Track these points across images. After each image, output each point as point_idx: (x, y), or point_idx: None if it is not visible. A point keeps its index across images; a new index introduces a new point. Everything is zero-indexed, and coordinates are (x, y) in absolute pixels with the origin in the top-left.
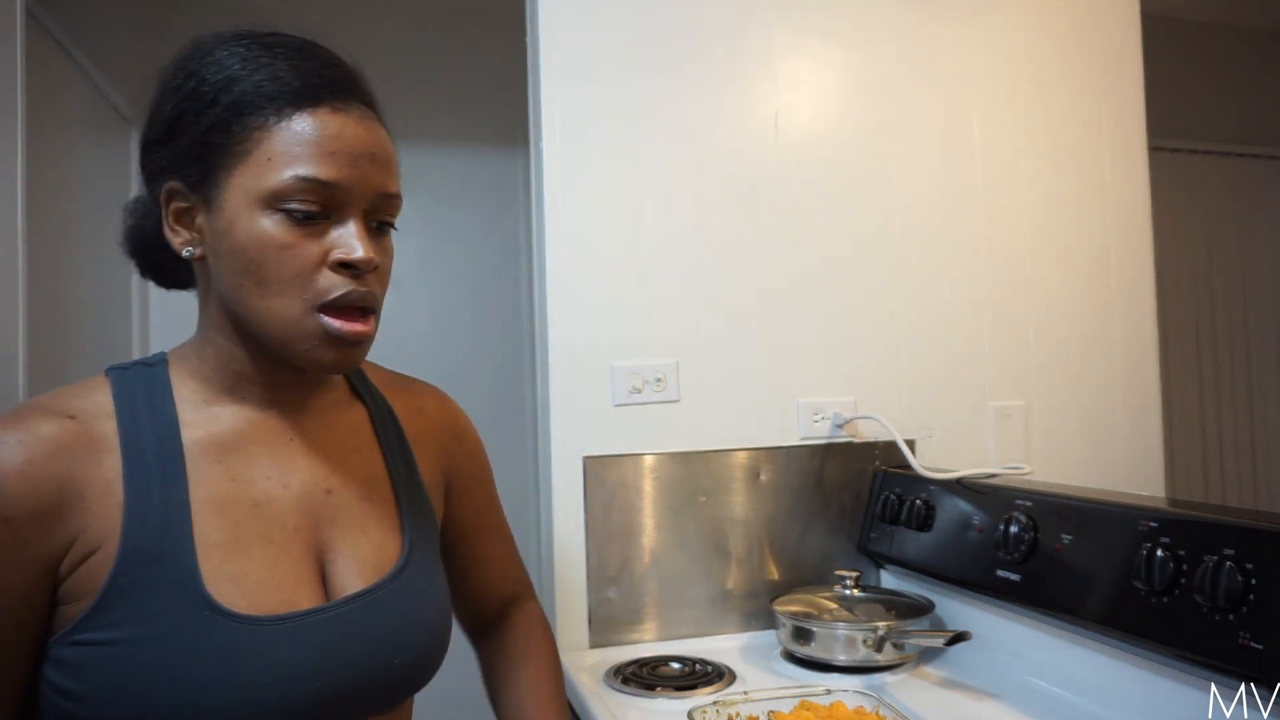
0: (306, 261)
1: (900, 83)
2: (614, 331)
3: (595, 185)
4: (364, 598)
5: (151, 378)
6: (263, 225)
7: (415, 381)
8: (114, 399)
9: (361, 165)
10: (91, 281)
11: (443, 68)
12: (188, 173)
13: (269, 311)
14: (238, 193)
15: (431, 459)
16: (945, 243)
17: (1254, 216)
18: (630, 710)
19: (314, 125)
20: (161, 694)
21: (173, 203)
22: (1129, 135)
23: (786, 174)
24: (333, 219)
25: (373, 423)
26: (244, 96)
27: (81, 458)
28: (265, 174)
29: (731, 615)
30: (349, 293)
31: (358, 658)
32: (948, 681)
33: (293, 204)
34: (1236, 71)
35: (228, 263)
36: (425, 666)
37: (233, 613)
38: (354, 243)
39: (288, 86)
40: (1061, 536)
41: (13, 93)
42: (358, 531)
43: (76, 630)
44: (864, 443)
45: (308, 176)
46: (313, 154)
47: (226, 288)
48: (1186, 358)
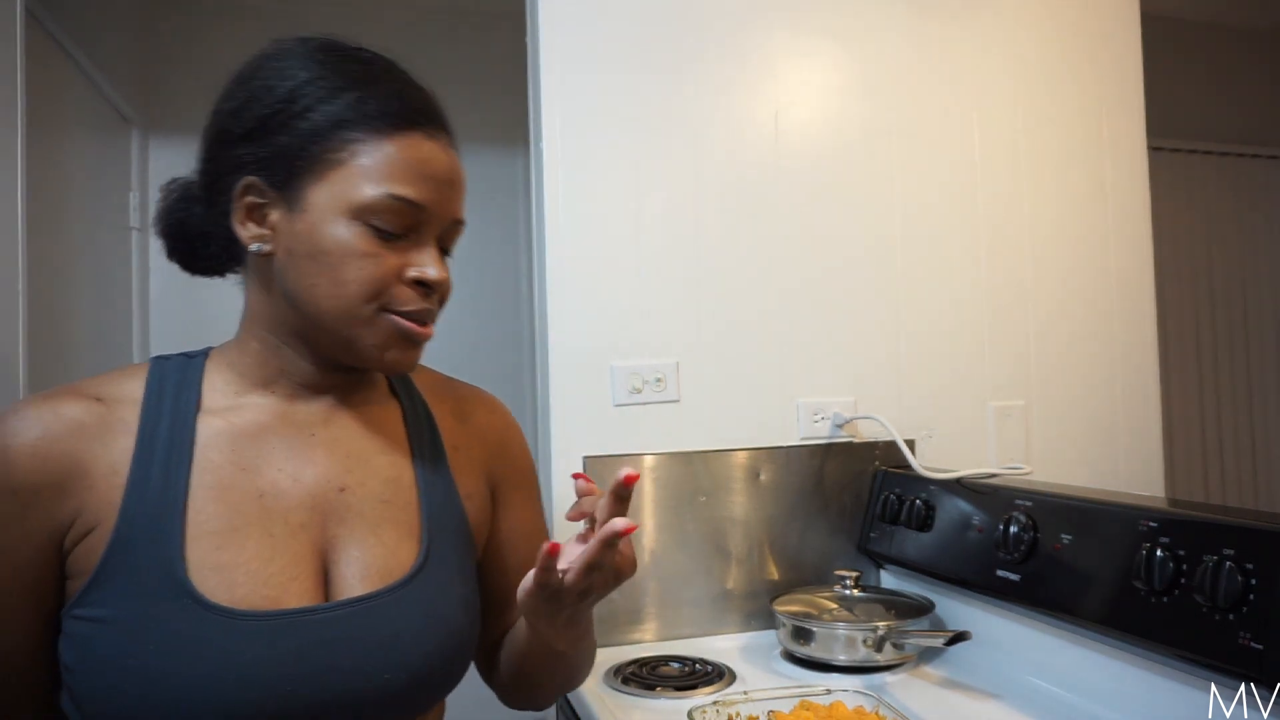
0: (386, 271)
1: (901, 82)
2: (614, 331)
3: (595, 185)
4: (360, 604)
5: (188, 368)
6: (348, 233)
7: (464, 386)
8: (146, 386)
9: (444, 191)
10: (91, 281)
11: (443, 68)
12: (272, 172)
13: (341, 311)
14: (326, 199)
15: (474, 467)
16: (945, 243)
17: (1254, 216)
18: (630, 710)
19: (410, 148)
20: (129, 675)
21: (248, 197)
22: (1129, 135)
23: (787, 174)
24: (411, 238)
25: (406, 424)
26: (345, 110)
27: (95, 438)
28: (358, 186)
29: (731, 615)
30: (420, 310)
31: (339, 666)
32: (948, 681)
33: (380, 219)
34: (1236, 71)
35: (305, 263)
36: (426, 686)
37: (210, 603)
38: (430, 264)
39: (390, 107)
40: (1061, 536)
41: (13, 93)
42: (369, 533)
43: (75, 605)
44: (864, 443)
45: (400, 196)
46: (407, 175)
47: (299, 286)
48: (1186, 358)
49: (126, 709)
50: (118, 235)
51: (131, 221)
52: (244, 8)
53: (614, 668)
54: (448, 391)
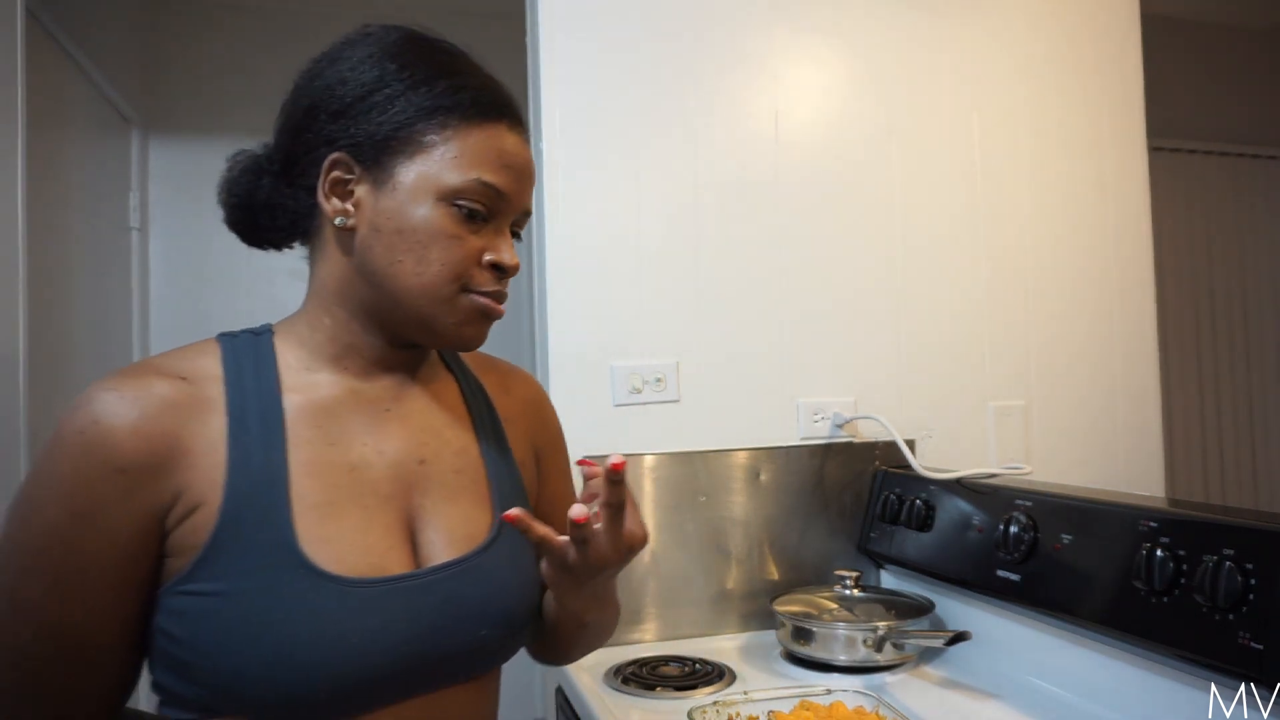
0: (469, 253)
1: (901, 83)
2: (614, 331)
3: (595, 185)
4: (455, 566)
5: (258, 345)
6: (435, 213)
7: (502, 362)
8: (223, 364)
9: (523, 181)
10: (91, 281)
11: None
12: (362, 149)
13: (423, 288)
14: (416, 179)
15: (522, 437)
16: (945, 242)
17: (1254, 216)
18: (630, 710)
19: (498, 137)
20: (253, 645)
21: (335, 171)
22: (1129, 135)
23: (786, 174)
24: (490, 223)
25: (464, 398)
26: (441, 97)
27: (191, 417)
28: (449, 170)
29: (731, 615)
30: (495, 291)
31: (445, 626)
32: (948, 681)
33: (467, 202)
34: (1236, 71)
35: (390, 239)
36: (512, 639)
37: (325, 572)
38: (507, 250)
39: (482, 97)
40: (1061, 536)
41: (13, 93)
42: (448, 503)
43: (184, 581)
44: (864, 443)
45: (488, 182)
46: (495, 162)
47: (379, 261)
48: (1186, 358)
49: (248, 675)
50: (118, 235)
51: (131, 221)
52: (244, 8)
53: (614, 668)
54: (490, 366)
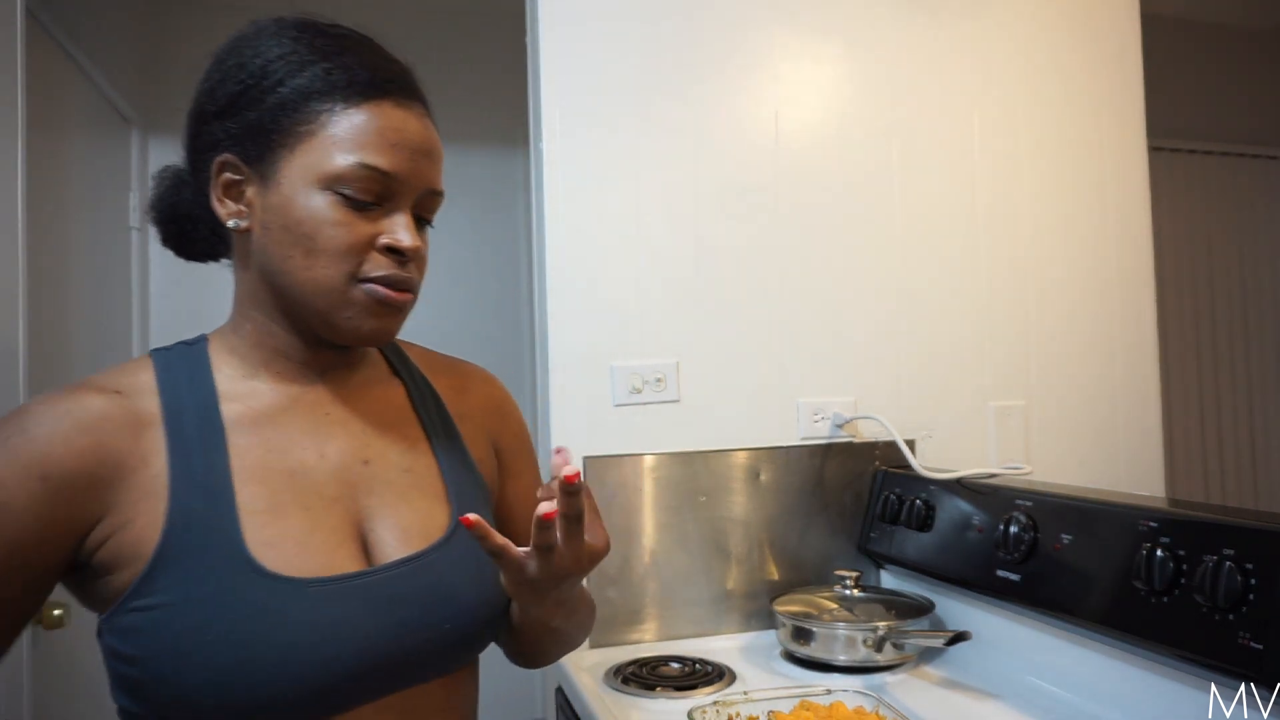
0: (357, 239)
1: (901, 82)
2: (614, 331)
3: (595, 185)
4: (411, 563)
5: (192, 355)
6: (319, 203)
7: (459, 361)
8: (157, 376)
9: (418, 160)
10: (91, 280)
11: (443, 68)
12: (246, 147)
13: (314, 282)
14: (297, 171)
15: (479, 435)
16: (945, 242)
17: (1254, 216)
18: (630, 710)
19: (380, 117)
20: (209, 651)
21: (224, 174)
22: (1129, 135)
23: (786, 174)
24: (384, 207)
25: (411, 399)
26: (314, 81)
27: (122, 430)
28: (328, 156)
29: (731, 615)
30: (392, 274)
31: (406, 621)
32: (948, 681)
33: (351, 188)
34: (1236, 71)
35: (278, 235)
36: (480, 632)
37: (276, 574)
38: (403, 230)
39: (358, 77)
40: (1061, 536)
41: (13, 93)
42: (399, 501)
43: (131, 598)
44: (864, 443)
45: (370, 164)
46: (377, 144)
47: (274, 260)
48: (1186, 358)
49: (207, 683)
50: (118, 235)
51: (131, 221)
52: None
53: (614, 668)
54: (443, 366)
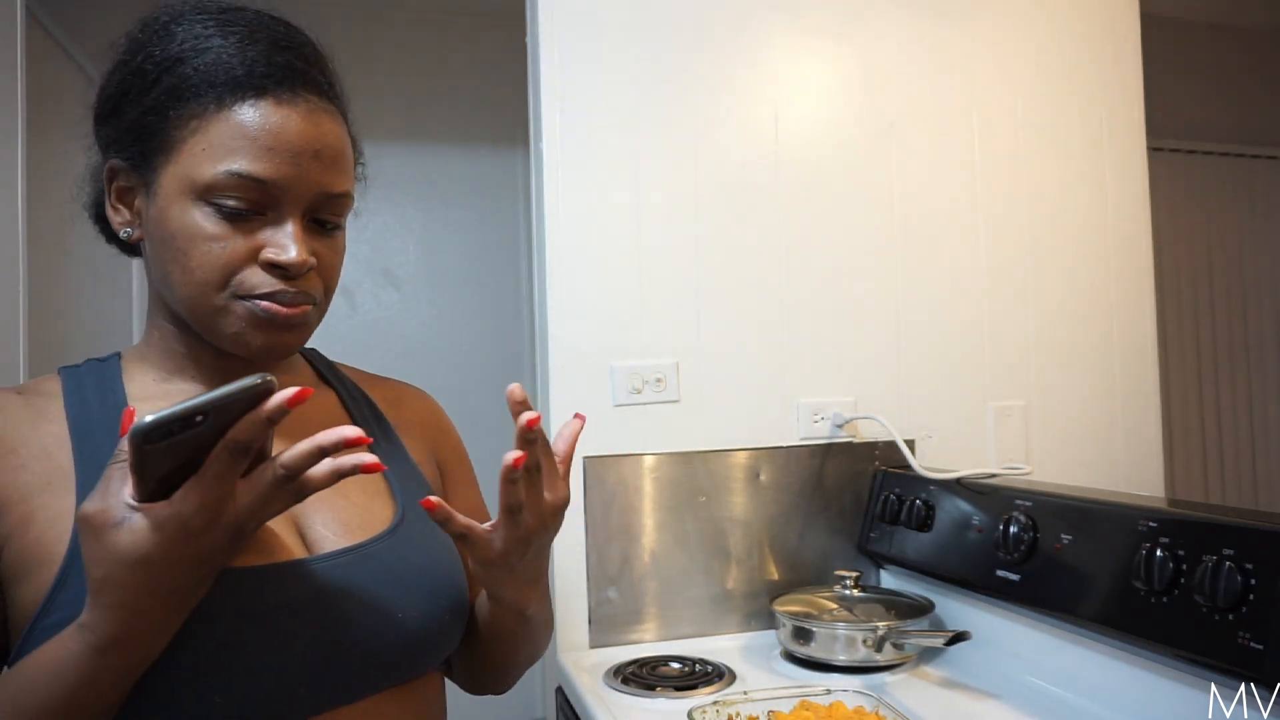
0: (235, 255)
1: (900, 82)
2: (614, 331)
3: (595, 185)
4: (354, 552)
5: (103, 369)
6: (193, 216)
7: (392, 380)
8: (62, 385)
9: (303, 163)
10: (91, 278)
11: (443, 68)
12: (130, 153)
13: (191, 300)
14: (172, 180)
15: (420, 446)
16: (945, 242)
17: (1254, 216)
18: (630, 710)
19: (254, 118)
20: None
21: (115, 181)
22: (1129, 135)
23: (786, 173)
24: (268, 216)
25: (345, 404)
26: (186, 80)
27: (18, 418)
28: (199, 165)
29: (731, 615)
30: (277, 292)
31: (355, 610)
32: (948, 681)
33: (224, 199)
34: (1236, 71)
35: (157, 248)
36: (442, 625)
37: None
38: (287, 243)
39: (231, 74)
40: (1061, 536)
41: (13, 93)
42: (336, 496)
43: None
44: (864, 443)
45: (242, 172)
46: (249, 149)
47: (157, 271)
48: (1186, 358)
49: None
50: None
51: None
52: None
53: (614, 668)
54: (377, 380)
